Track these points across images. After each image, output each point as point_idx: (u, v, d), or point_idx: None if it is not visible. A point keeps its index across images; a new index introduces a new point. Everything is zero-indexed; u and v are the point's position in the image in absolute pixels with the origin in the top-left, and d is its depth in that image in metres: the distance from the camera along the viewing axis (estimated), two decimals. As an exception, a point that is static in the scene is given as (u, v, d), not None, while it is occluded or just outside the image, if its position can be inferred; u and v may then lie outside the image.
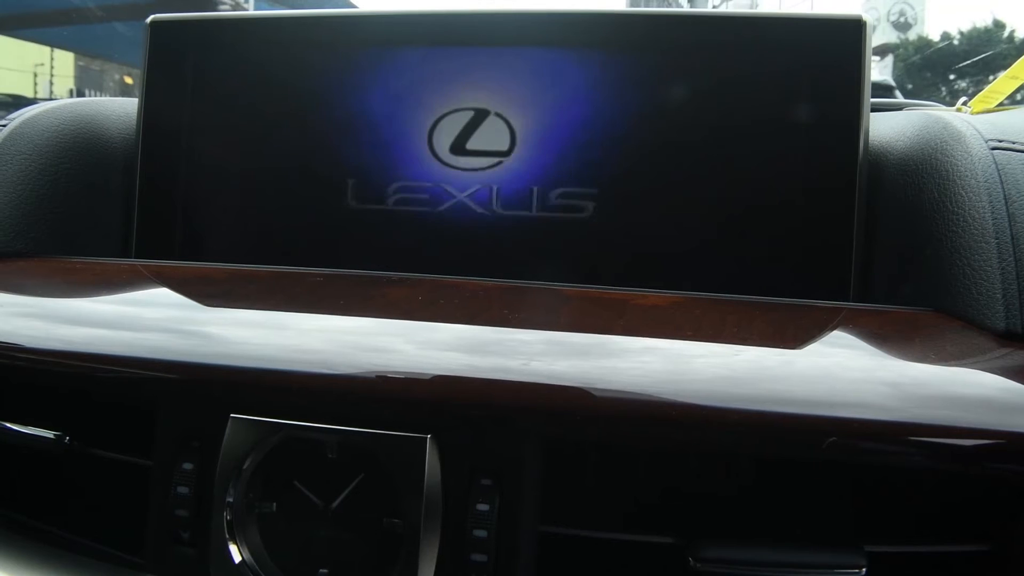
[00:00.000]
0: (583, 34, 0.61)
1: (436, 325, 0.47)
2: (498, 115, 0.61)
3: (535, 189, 0.60)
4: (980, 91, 0.76)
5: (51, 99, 0.70)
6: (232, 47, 0.67)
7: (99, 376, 0.45)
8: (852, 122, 0.55)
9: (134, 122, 0.67)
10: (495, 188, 0.61)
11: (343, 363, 0.42)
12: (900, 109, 0.80)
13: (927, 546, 0.42)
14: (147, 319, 0.50)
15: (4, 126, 0.63)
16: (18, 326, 0.48)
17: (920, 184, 0.51)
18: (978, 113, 0.62)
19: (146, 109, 0.66)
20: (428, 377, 0.41)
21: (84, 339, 0.47)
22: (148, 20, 0.67)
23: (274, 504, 0.42)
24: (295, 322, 0.48)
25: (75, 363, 0.46)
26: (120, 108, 0.69)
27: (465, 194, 0.61)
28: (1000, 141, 0.49)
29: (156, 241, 0.66)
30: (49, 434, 0.48)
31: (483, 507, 0.40)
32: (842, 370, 0.41)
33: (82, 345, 0.46)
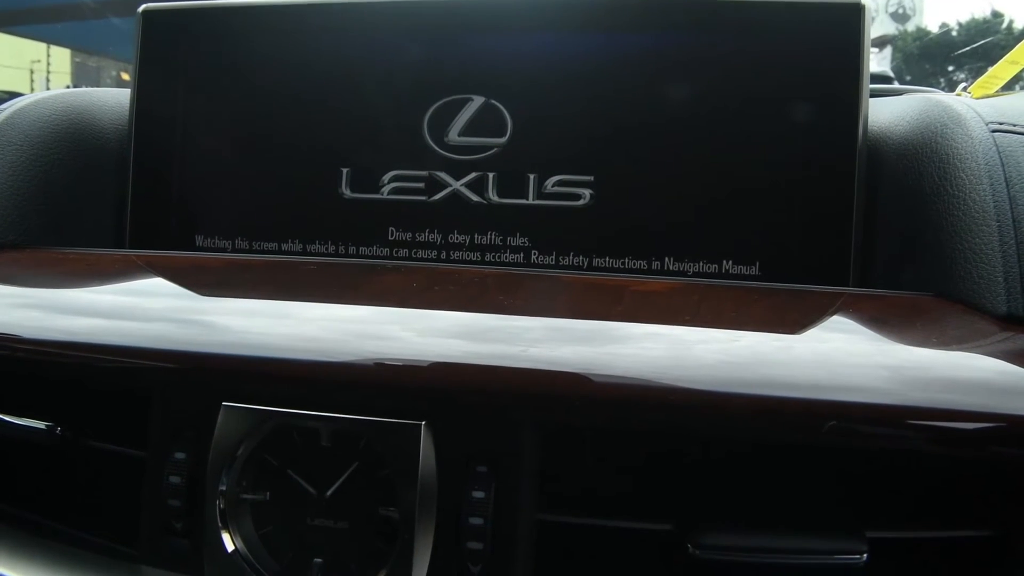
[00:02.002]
0: (579, 18, 0.60)
1: (431, 312, 0.46)
2: (494, 102, 0.61)
3: (531, 176, 0.59)
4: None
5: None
6: (226, 36, 0.67)
7: (92, 366, 0.45)
8: (851, 106, 0.55)
9: (127, 112, 0.66)
10: (491, 176, 0.60)
11: (337, 350, 0.42)
12: (900, 95, 0.80)
13: (929, 531, 0.41)
14: (140, 309, 0.49)
15: None
16: (11, 317, 0.48)
17: (920, 167, 0.51)
18: (978, 99, 0.62)
19: (139, 99, 0.65)
20: (422, 364, 0.41)
21: (77, 329, 0.46)
22: (140, 9, 0.67)
23: (267, 493, 0.42)
24: (289, 310, 0.47)
25: (68, 353, 0.45)
26: (112, 99, 0.69)
27: (461, 182, 0.60)
28: (1001, 124, 0.49)
29: (149, 231, 0.65)
30: (41, 425, 0.47)
31: (479, 494, 0.40)
32: (843, 355, 0.41)
33: (75, 335, 0.46)
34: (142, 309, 0.49)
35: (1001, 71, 0.74)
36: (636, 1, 0.60)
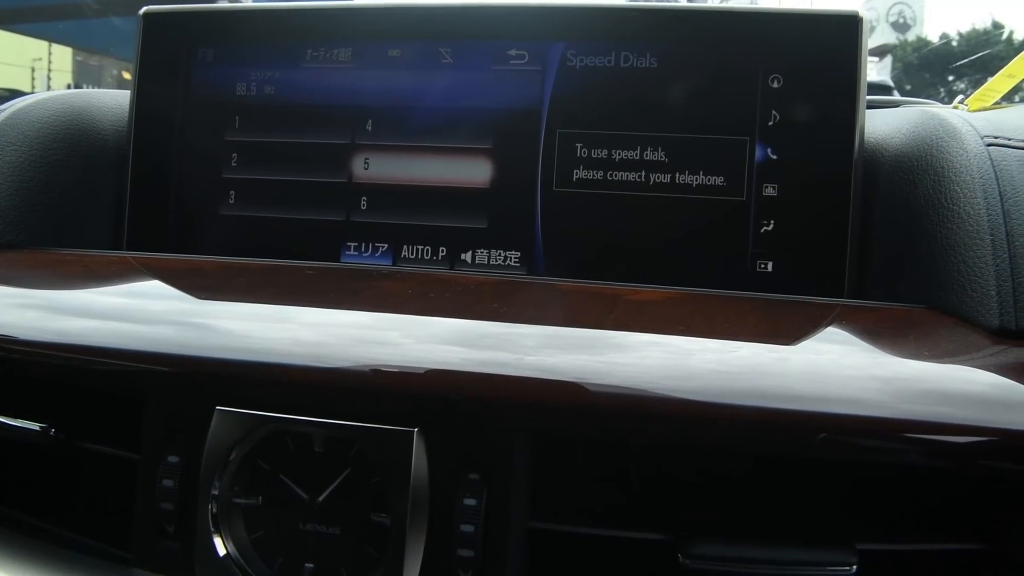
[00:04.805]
0: (576, 27, 0.60)
1: (425, 319, 0.46)
2: (493, 109, 0.61)
3: (529, 181, 0.60)
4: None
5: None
6: (227, 40, 0.67)
7: (86, 368, 0.45)
8: (848, 118, 0.55)
9: (126, 114, 0.66)
10: (489, 180, 0.60)
11: (331, 356, 0.42)
12: (897, 107, 0.80)
13: (919, 544, 0.41)
14: (136, 311, 0.49)
15: None
16: (7, 318, 0.48)
17: (915, 180, 0.51)
18: (975, 111, 0.62)
19: (139, 101, 0.66)
20: (416, 370, 0.41)
21: (72, 331, 0.46)
22: (141, 12, 0.67)
23: (260, 498, 0.42)
24: (284, 315, 0.47)
25: (63, 354, 0.45)
26: (112, 100, 0.69)
27: (461, 186, 0.61)
28: (996, 137, 0.49)
29: (148, 233, 0.65)
30: (35, 426, 0.47)
31: (470, 502, 0.40)
32: (836, 367, 0.41)
33: (70, 337, 0.46)
34: (138, 311, 0.49)
35: (998, 84, 0.74)
36: (633, 13, 0.60)
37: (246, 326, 0.46)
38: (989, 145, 0.48)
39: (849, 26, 0.56)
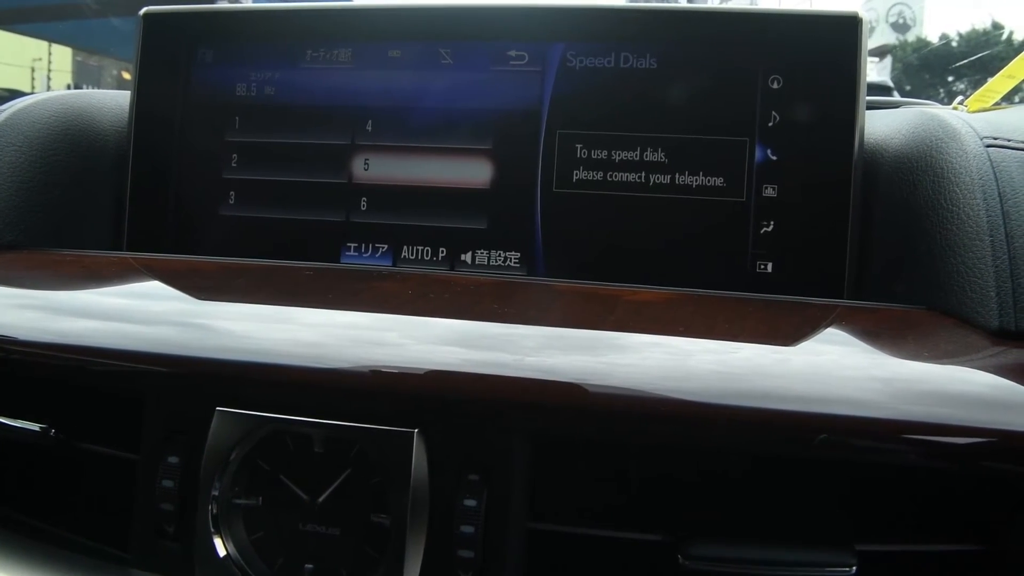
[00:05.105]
0: (576, 28, 0.60)
1: (425, 320, 0.46)
2: (492, 109, 0.61)
3: (529, 182, 0.60)
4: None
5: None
6: (226, 40, 0.67)
7: (86, 368, 0.45)
8: (847, 119, 0.55)
9: (126, 115, 0.66)
10: (489, 181, 0.60)
11: (330, 356, 0.42)
12: (897, 108, 0.80)
13: (918, 545, 0.41)
14: (136, 312, 0.49)
15: None
16: (7, 318, 0.48)
17: (915, 181, 0.51)
18: (974, 112, 0.62)
19: (138, 102, 0.66)
20: (416, 371, 0.41)
21: (72, 331, 0.46)
22: (141, 12, 0.67)
23: (260, 498, 0.42)
24: (283, 315, 0.47)
25: (62, 355, 0.45)
26: (112, 101, 0.69)
27: (461, 187, 0.61)
28: (995, 139, 0.49)
29: (147, 234, 0.65)
30: (35, 427, 0.47)
31: (470, 503, 0.40)
32: (836, 368, 0.41)
33: (70, 337, 0.46)
34: (137, 312, 0.49)
35: (997, 85, 0.74)
36: (630, 13, 0.60)
37: (246, 327, 0.46)
38: (988, 146, 0.48)
39: (849, 27, 0.56)
